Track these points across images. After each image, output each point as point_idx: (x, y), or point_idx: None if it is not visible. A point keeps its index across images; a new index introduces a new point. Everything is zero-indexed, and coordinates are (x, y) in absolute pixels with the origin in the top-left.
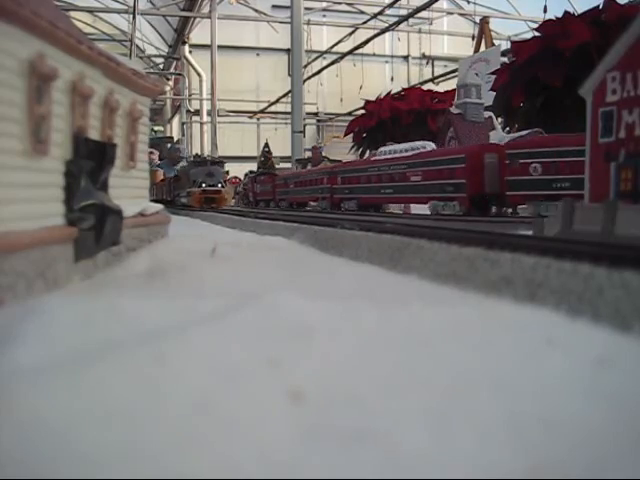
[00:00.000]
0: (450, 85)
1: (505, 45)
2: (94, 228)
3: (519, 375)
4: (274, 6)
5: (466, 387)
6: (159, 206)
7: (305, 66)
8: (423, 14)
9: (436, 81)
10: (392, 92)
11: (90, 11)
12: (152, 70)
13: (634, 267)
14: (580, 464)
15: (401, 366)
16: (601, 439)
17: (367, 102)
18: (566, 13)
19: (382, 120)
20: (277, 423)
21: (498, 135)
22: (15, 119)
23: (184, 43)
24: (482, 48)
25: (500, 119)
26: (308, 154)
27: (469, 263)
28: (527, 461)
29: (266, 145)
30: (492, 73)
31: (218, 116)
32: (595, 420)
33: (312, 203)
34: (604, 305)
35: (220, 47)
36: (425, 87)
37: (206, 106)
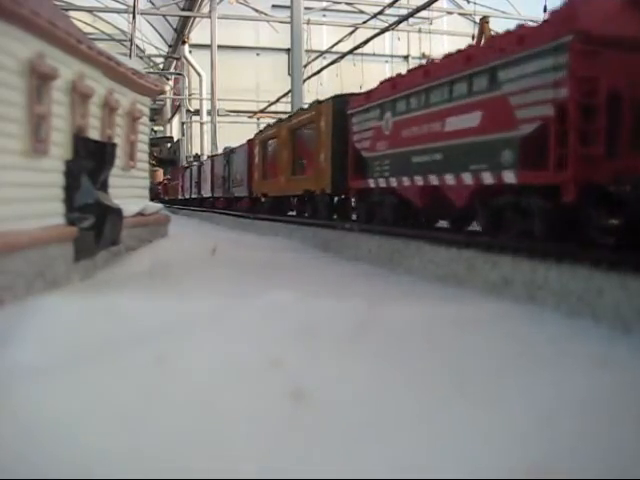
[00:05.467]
0: None
1: None
2: (94, 228)
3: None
4: (274, 6)
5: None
6: (159, 205)
7: (305, 66)
8: (423, 14)
9: None
10: None
11: (90, 11)
12: (152, 70)
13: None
14: (579, 463)
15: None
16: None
17: None
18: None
19: None
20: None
21: None
22: (15, 119)
23: (184, 43)
24: None
25: None
26: None
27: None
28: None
29: None
30: None
31: (218, 116)
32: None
33: None
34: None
35: (220, 47)
36: None
37: (206, 106)
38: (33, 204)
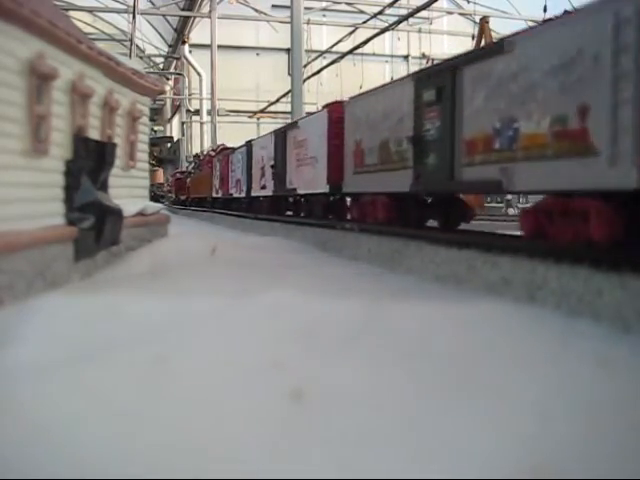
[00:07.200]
0: None
1: None
2: (94, 228)
3: None
4: (274, 6)
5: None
6: (159, 205)
7: (305, 66)
8: (423, 14)
9: None
10: None
11: (90, 11)
12: (152, 70)
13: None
14: (578, 463)
15: None
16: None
17: None
18: (565, 12)
19: None
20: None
21: None
22: (15, 119)
23: (184, 43)
24: None
25: None
26: None
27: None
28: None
29: None
30: None
31: (218, 116)
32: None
33: None
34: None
35: (220, 47)
36: None
37: (206, 106)
38: (33, 204)
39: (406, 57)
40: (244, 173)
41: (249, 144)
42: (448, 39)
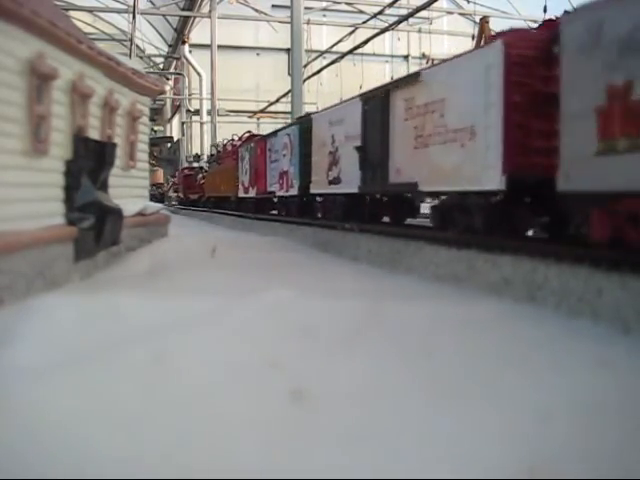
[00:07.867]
0: None
1: None
2: (94, 228)
3: None
4: (274, 6)
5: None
6: (159, 205)
7: (305, 66)
8: (423, 14)
9: None
10: None
11: (90, 11)
12: (152, 70)
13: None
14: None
15: None
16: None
17: None
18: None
19: None
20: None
21: None
22: (15, 119)
23: (184, 43)
24: None
25: None
26: None
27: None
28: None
29: None
30: None
31: (218, 116)
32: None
33: None
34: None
35: (220, 47)
36: None
37: (206, 106)
38: (33, 204)
39: (406, 57)
40: (295, 163)
41: (306, 119)
42: (448, 39)
